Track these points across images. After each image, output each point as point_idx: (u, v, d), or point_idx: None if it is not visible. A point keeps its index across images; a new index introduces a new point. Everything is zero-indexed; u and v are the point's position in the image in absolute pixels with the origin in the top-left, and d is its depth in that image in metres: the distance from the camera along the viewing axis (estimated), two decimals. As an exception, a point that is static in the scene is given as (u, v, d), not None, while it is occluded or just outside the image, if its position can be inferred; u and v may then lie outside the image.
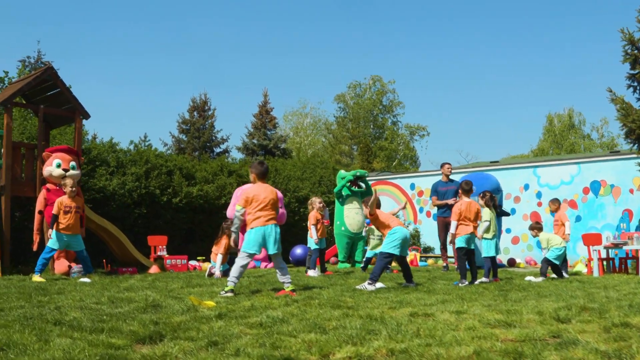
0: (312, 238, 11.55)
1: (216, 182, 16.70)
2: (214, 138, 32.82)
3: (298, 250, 15.36)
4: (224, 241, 10.62)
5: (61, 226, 9.66)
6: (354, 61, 74.07)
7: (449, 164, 13.73)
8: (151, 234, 14.20)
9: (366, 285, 7.87)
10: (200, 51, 74.61)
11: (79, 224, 9.96)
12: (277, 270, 7.36)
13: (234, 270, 7.14)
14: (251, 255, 7.18)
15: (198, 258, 13.96)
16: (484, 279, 9.64)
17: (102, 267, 12.21)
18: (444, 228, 13.00)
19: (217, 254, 10.58)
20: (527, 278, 10.40)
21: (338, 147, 44.98)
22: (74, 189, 9.90)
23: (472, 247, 9.46)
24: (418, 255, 16.12)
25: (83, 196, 10.77)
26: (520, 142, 79.44)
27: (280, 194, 14.74)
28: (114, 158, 14.87)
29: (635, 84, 13.77)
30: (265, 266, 13.58)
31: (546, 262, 10.55)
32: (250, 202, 7.23)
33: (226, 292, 6.90)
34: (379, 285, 8.02)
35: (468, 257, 9.34)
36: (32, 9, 67.99)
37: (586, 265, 12.99)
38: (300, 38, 76.91)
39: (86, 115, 11.72)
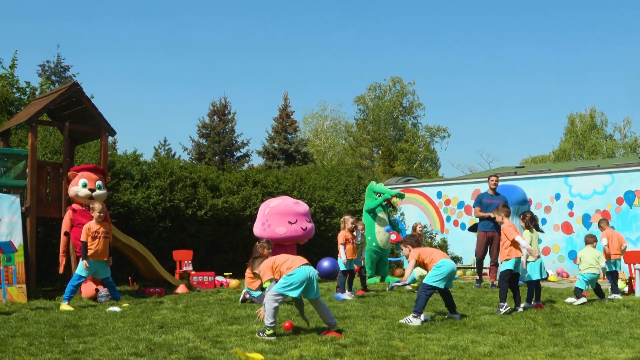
0: (341, 259, 10.77)
1: (241, 193, 16.37)
2: (234, 142, 32.54)
3: (325, 263, 14.84)
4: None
5: (89, 252, 9.33)
6: (373, 62, 73.73)
7: (495, 176, 13.12)
8: (176, 247, 13.91)
9: (411, 319, 7.52)
10: (220, 54, 74.57)
11: (107, 250, 9.60)
12: (318, 312, 6.91)
13: (269, 314, 6.51)
14: (285, 298, 6.67)
15: (225, 274, 13.60)
16: (525, 304, 9.26)
17: (127, 283, 11.93)
18: (483, 243, 12.58)
19: (249, 276, 10.16)
20: (568, 300, 10.10)
21: (359, 149, 44.51)
22: (102, 214, 9.56)
23: (518, 271, 9.07)
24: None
25: (110, 220, 10.38)
26: (542, 143, 78.74)
27: (307, 208, 14.34)
28: (137, 171, 14.58)
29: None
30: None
31: (577, 288, 10.21)
32: (278, 266, 6.79)
33: (268, 335, 6.44)
34: (423, 317, 7.68)
35: (511, 281, 8.93)
36: (49, 12, 68.18)
37: (627, 283, 12.56)
38: (320, 40, 76.68)
39: (112, 132, 11.40)
